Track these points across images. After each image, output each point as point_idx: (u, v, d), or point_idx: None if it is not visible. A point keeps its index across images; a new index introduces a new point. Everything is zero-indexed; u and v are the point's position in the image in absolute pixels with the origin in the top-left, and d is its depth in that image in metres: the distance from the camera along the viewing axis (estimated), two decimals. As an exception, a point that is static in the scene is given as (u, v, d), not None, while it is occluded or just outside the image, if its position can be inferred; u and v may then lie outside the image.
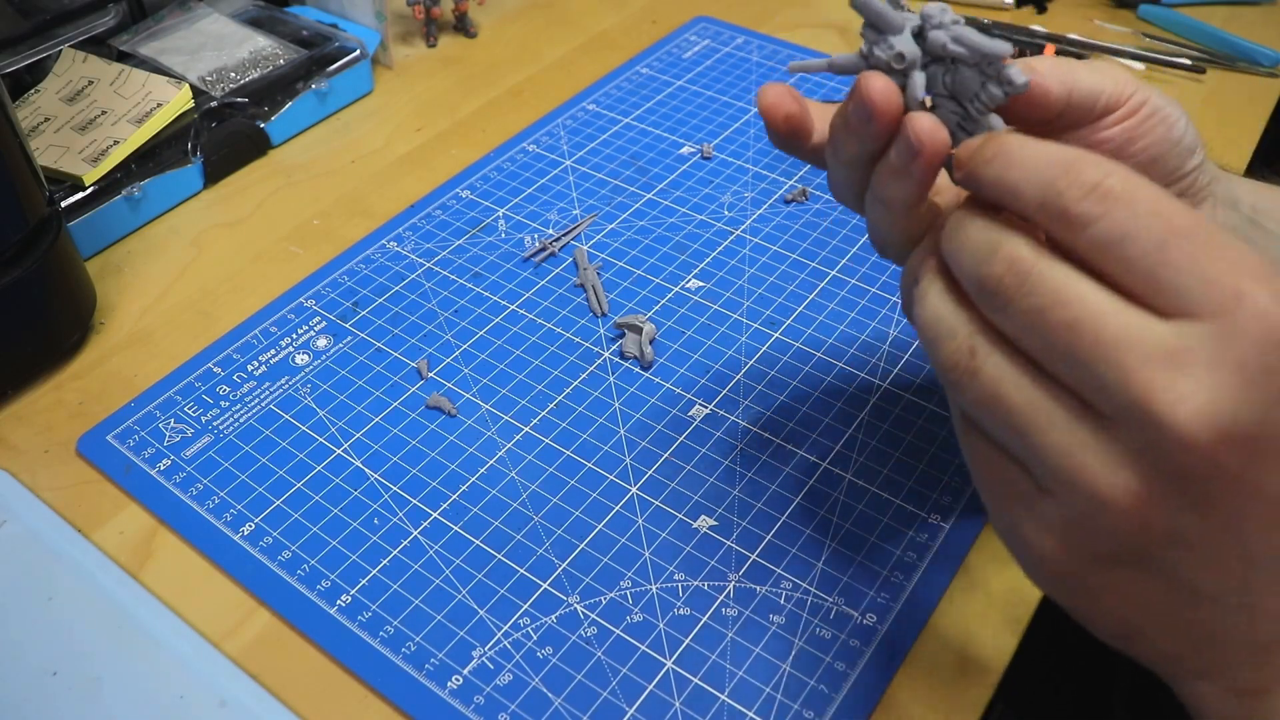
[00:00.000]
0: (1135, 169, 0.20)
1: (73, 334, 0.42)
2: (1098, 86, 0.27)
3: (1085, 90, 0.26)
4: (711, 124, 0.54)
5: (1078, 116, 0.27)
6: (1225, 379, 0.18)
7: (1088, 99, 0.27)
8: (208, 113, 0.50)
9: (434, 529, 0.35)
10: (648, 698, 0.30)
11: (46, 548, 0.34)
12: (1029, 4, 0.64)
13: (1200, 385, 0.18)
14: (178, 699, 0.30)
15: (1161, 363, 0.18)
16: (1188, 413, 0.18)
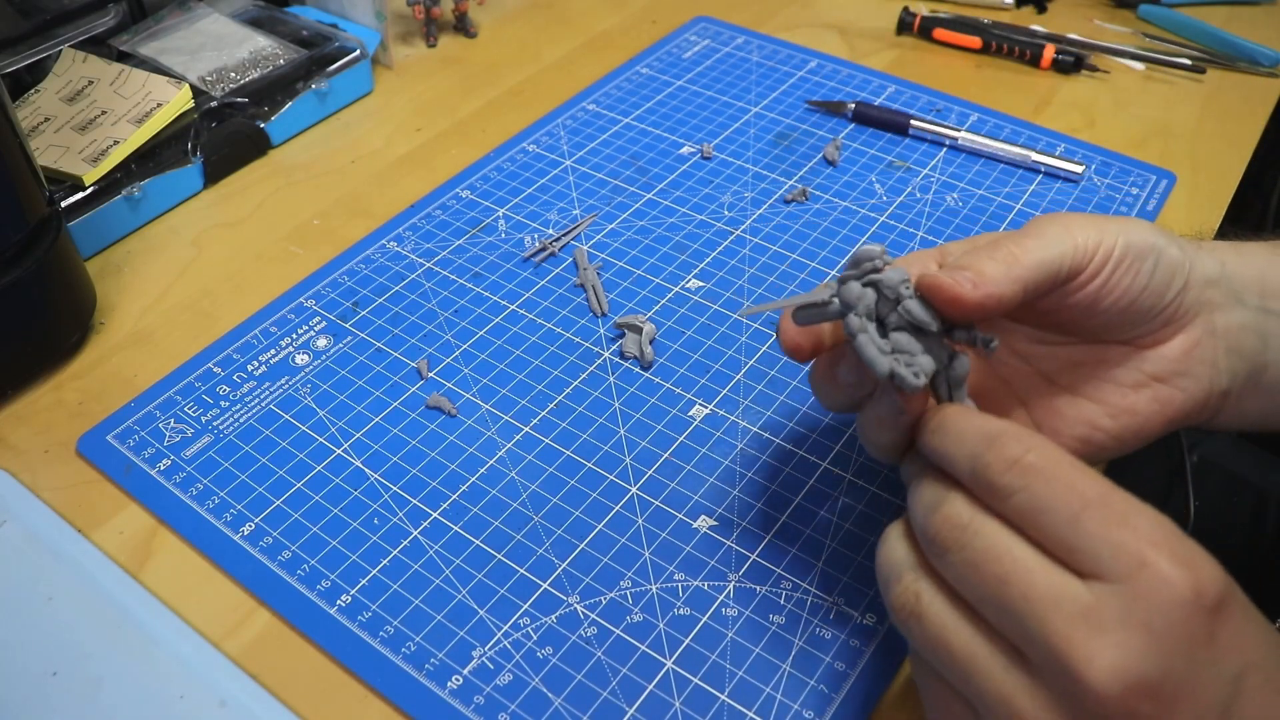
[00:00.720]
0: (1115, 315, 0.27)
1: (73, 334, 0.42)
2: (1054, 260, 0.26)
3: (1042, 271, 0.26)
4: (711, 124, 0.54)
5: (1044, 292, 0.27)
6: (1133, 637, 0.20)
7: (1047, 277, 0.26)
8: (208, 113, 0.50)
9: (434, 529, 0.35)
10: (648, 698, 0.30)
11: (46, 548, 0.34)
12: (1029, 4, 0.64)
13: (1111, 642, 0.20)
14: (178, 699, 0.30)
15: (1079, 621, 0.20)
16: (1100, 668, 0.20)
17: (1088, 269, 0.27)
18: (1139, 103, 0.56)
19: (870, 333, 0.26)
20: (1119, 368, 0.29)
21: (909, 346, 0.26)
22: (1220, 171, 0.51)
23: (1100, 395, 0.29)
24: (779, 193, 0.49)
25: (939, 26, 0.61)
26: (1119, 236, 0.27)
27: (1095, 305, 0.27)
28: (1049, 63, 0.58)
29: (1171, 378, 0.28)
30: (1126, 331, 0.29)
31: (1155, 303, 0.28)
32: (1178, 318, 0.28)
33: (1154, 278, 0.27)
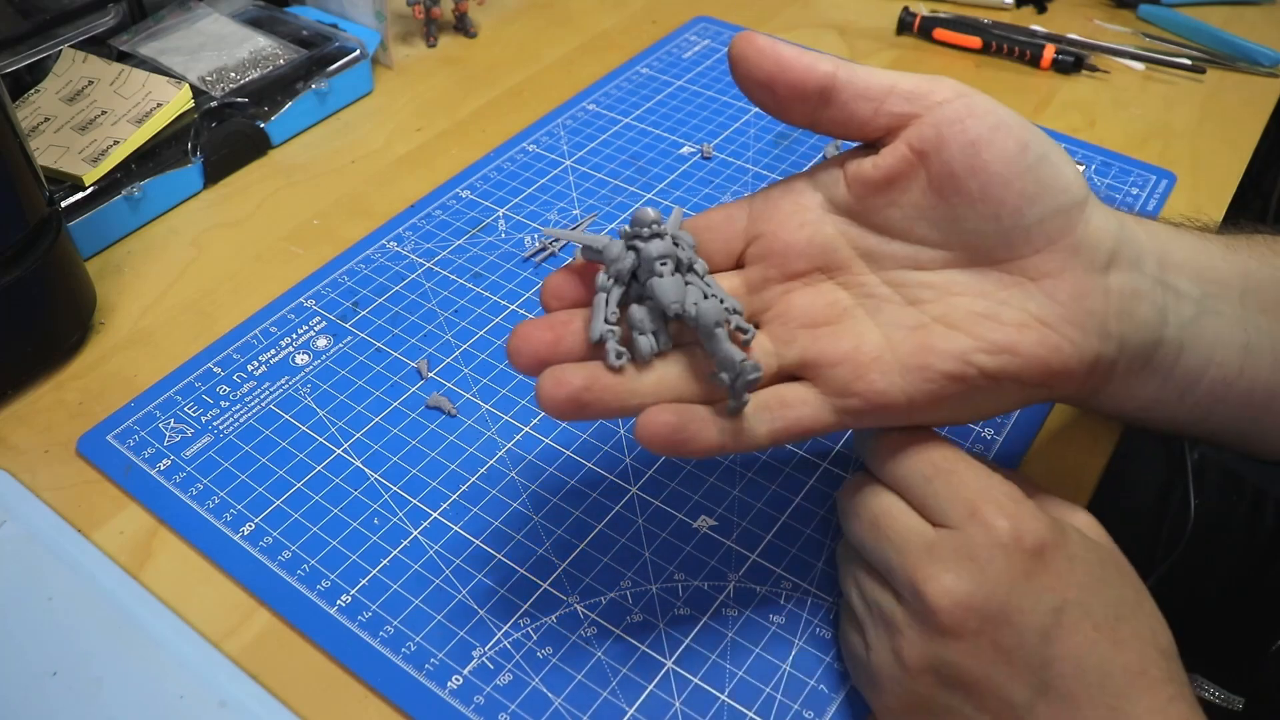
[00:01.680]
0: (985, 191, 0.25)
1: (73, 334, 0.42)
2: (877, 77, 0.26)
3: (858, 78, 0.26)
4: (711, 124, 0.54)
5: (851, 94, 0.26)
6: (963, 566, 0.25)
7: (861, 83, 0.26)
8: (208, 113, 0.50)
9: (434, 529, 0.35)
10: (648, 698, 0.30)
11: (46, 548, 0.34)
12: (1029, 4, 0.64)
13: (946, 569, 0.25)
14: (177, 699, 0.30)
15: (924, 553, 0.26)
16: (937, 588, 0.25)
17: (927, 101, 0.25)
18: (1139, 103, 0.56)
19: (610, 295, 0.27)
20: (1003, 305, 0.26)
21: (641, 323, 0.26)
22: (1220, 171, 0.51)
23: (979, 331, 0.26)
24: (779, 193, 0.49)
25: (939, 26, 0.61)
26: (995, 105, 0.26)
27: (951, 167, 0.25)
28: (1049, 63, 0.58)
29: (1059, 324, 0.26)
30: (1000, 233, 0.26)
31: (1033, 199, 0.25)
32: (1062, 245, 0.26)
33: (1033, 169, 0.25)
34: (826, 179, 0.28)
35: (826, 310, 0.28)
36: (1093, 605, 0.25)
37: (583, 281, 0.28)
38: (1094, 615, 0.25)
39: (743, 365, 0.25)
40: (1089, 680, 0.25)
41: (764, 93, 0.26)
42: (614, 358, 0.26)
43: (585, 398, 0.25)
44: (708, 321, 0.26)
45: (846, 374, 0.27)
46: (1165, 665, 0.25)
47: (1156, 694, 0.25)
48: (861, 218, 0.27)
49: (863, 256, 0.28)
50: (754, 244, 0.28)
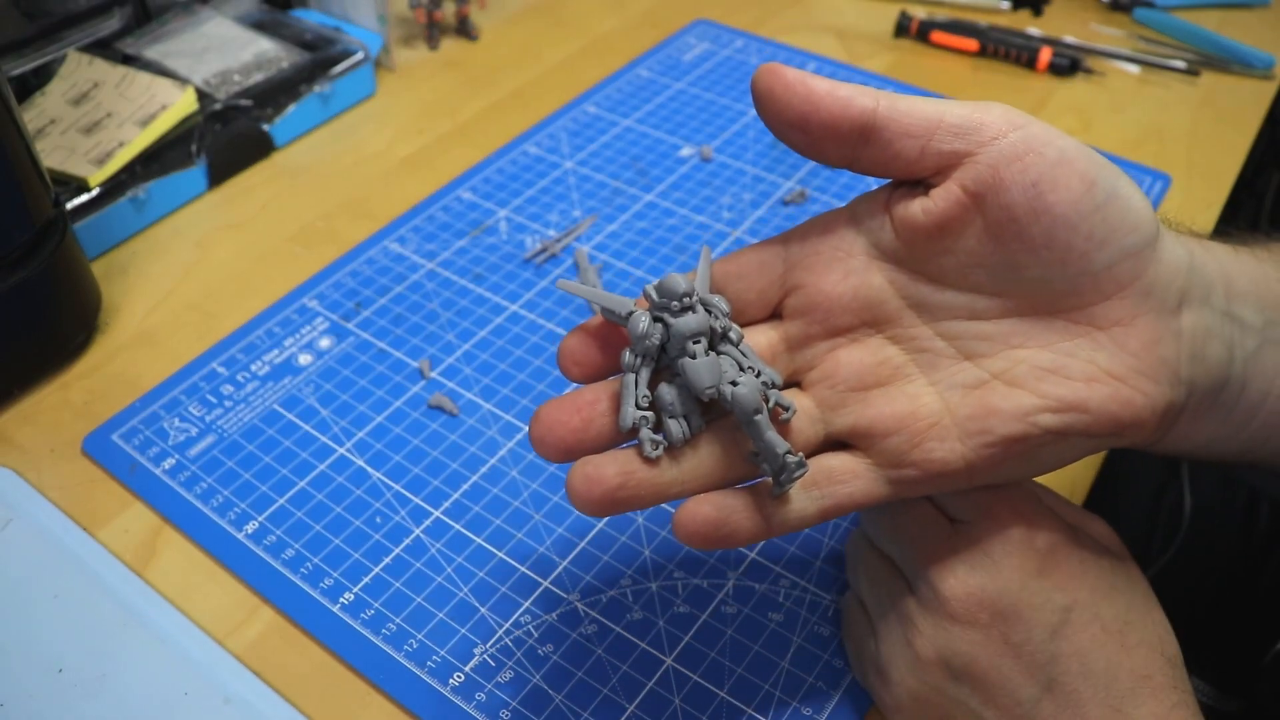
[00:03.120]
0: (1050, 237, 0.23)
1: (78, 334, 0.42)
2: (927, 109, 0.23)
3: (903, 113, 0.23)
4: (711, 126, 0.54)
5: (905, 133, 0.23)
6: (976, 560, 0.26)
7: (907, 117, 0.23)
8: (212, 115, 0.50)
9: (436, 527, 0.35)
10: (647, 695, 0.31)
11: (52, 546, 0.35)
12: (1025, 7, 0.65)
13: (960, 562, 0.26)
14: (182, 695, 0.31)
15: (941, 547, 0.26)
16: (951, 581, 0.26)
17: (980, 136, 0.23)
18: (1134, 105, 0.57)
19: (640, 377, 0.24)
20: (1069, 357, 0.24)
21: (670, 406, 0.24)
22: (1215, 173, 0.52)
23: (1044, 388, 0.24)
24: (778, 194, 0.50)
25: (936, 29, 0.61)
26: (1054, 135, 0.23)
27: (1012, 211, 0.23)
28: (1045, 65, 0.58)
29: (1130, 376, 0.23)
30: (1066, 280, 0.23)
31: (1102, 243, 0.23)
32: (1134, 290, 0.23)
33: (1101, 209, 0.23)
34: (871, 223, 0.25)
35: (876, 370, 0.25)
36: (1102, 608, 0.26)
37: (602, 344, 0.25)
38: (1103, 618, 0.25)
39: (786, 460, 0.23)
40: (1095, 681, 0.25)
41: (796, 133, 0.24)
42: (650, 449, 0.24)
43: (620, 495, 0.23)
44: (745, 409, 0.23)
45: (901, 444, 0.24)
46: (1171, 672, 0.25)
47: (1161, 700, 0.25)
48: (911, 265, 0.25)
49: (913, 307, 0.25)
50: (793, 295, 0.26)
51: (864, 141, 0.24)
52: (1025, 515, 0.26)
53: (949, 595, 0.25)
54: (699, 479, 0.24)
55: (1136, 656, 0.25)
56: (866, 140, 0.24)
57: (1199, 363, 0.24)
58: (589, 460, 0.24)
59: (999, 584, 0.25)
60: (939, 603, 0.26)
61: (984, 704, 0.26)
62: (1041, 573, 0.25)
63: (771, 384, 0.25)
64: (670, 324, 0.24)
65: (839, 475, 0.25)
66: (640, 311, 0.24)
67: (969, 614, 0.25)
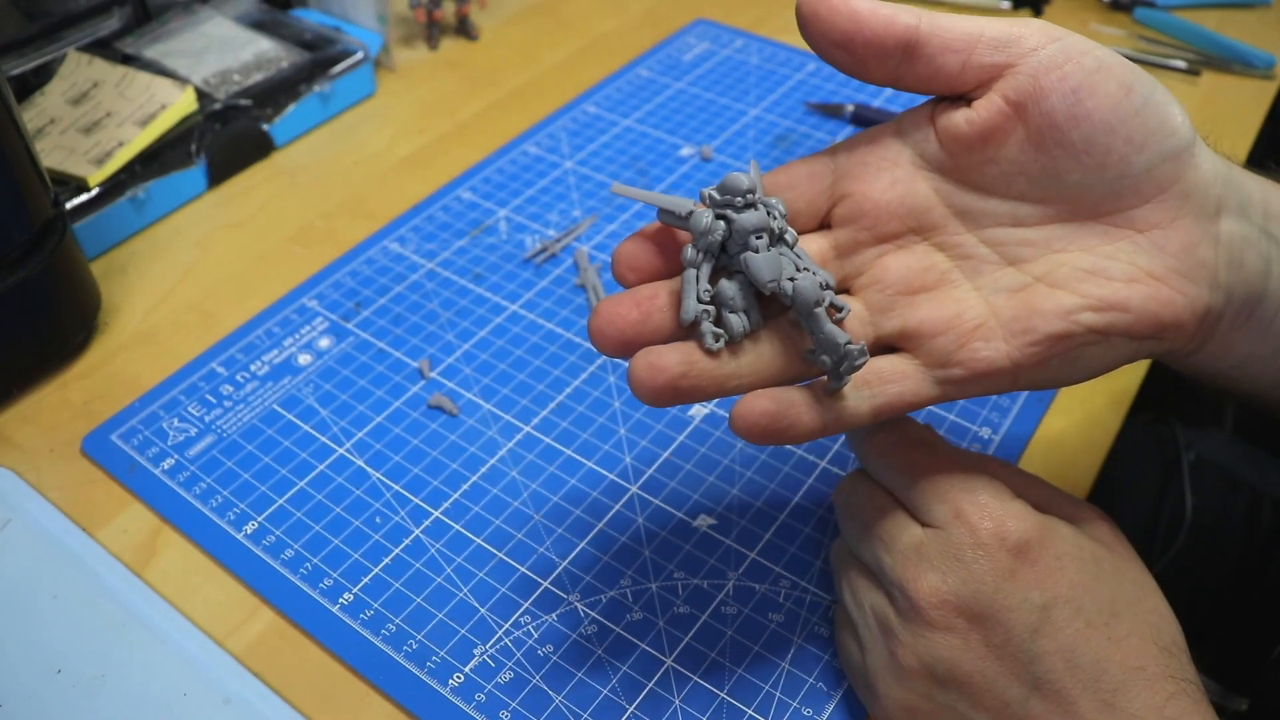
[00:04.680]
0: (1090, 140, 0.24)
1: (77, 334, 0.42)
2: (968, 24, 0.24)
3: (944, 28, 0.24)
4: (711, 125, 0.54)
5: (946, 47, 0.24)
6: (948, 565, 0.26)
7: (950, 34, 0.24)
8: (212, 115, 0.50)
9: (435, 528, 0.35)
10: (648, 695, 0.31)
11: (51, 546, 0.35)
12: (1025, 6, 0.64)
13: (931, 568, 0.26)
14: (181, 696, 0.31)
15: (911, 552, 0.26)
16: (924, 587, 0.26)
17: (1019, 48, 0.24)
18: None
19: (701, 272, 0.25)
20: (1110, 260, 0.24)
21: (733, 300, 0.25)
22: (1216, 174, 0.51)
23: (1085, 289, 0.24)
24: (778, 195, 0.50)
25: (937, 29, 0.61)
26: (1091, 45, 0.24)
27: (1053, 117, 0.24)
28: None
29: (1169, 275, 0.24)
30: (1106, 184, 0.24)
31: (1141, 145, 0.24)
32: (1173, 193, 0.24)
33: (1140, 113, 0.23)
34: (916, 135, 0.26)
35: (923, 275, 0.26)
36: (1085, 602, 0.25)
37: (658, 248, 0.26)
38: (1086, 612, 0.25)
39: (848, 349, 0.24)
40: (1082, 676, 0.25)
41: (840, 52, 0.24)
42: (711, 340, 0.24)
43: (682, 384, 0.24)
44: (806, 301, 0.24)
45: (948, 344, 0.25)
46: (1166, 661, 0.25)
47: (1155, 690, 0.25)
48: (955, 175, 0.26)
49: (958, 215, 0.26)
50: (841, 204, 0.26)
51: (907, 58, 0.24)
52: (993, 514, 0.26)
53: (923, 603, 0.25)
54: (757, 374, 0.25)
55: (1126, 648, 0.25)
56: (910, 57, 0.24)
57: (1236, 269, 0.25)
58: (651, 350, 0.24)
59: (971, 588, 0.25)
60: (915, 611, 0.26)
61: (973, 708, 0.26)
62: (1014, 573, 0.25)
63: (826, 285, 0.25)
64: (733, 220, 0.25)
65: (888, 375, 0.26)
66: (703, 209, 0.25)
67: (945, 620, 0.25)
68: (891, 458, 0.28)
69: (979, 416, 0.39)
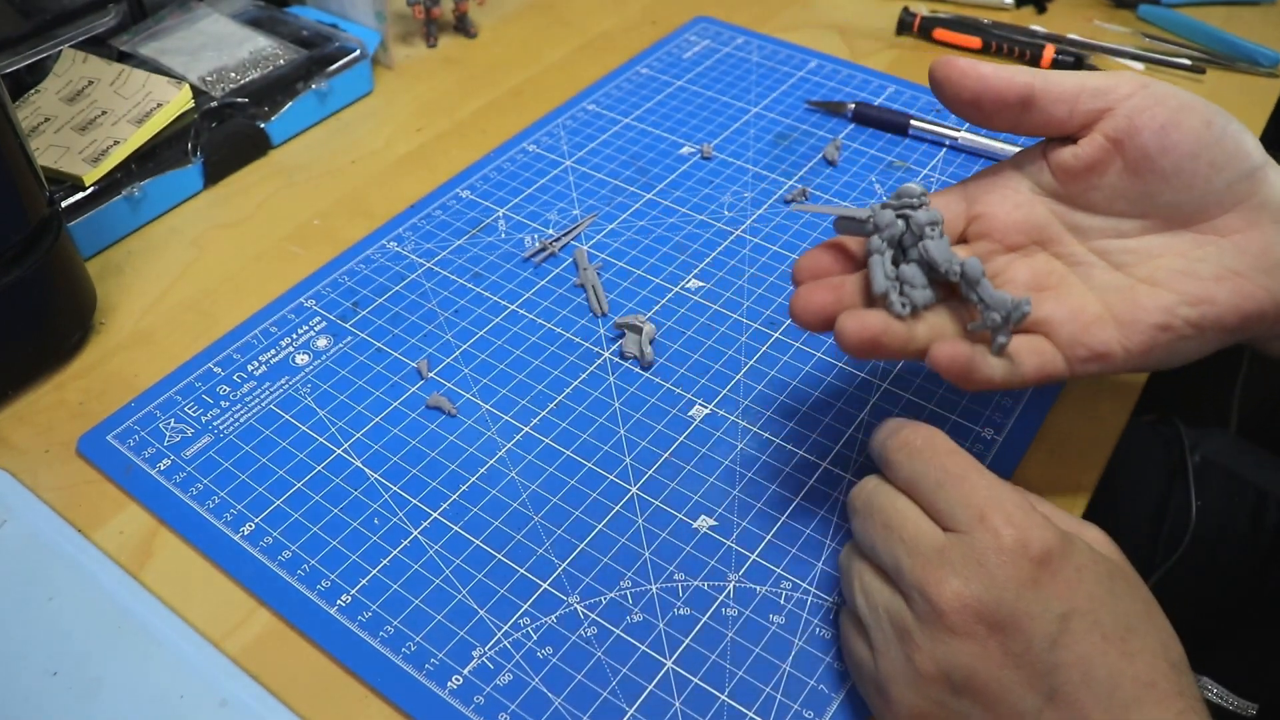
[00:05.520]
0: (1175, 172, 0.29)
1: (73, 334, 0.42)
2: (1067, 80, 0.30)
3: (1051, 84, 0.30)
4: (711, 124, 0.54)
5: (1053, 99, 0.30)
6: (971, 571, 0.26)
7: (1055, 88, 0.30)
8: (208, 113, 0.50)
9: (434, 529, 0.35)
10: (648, 698, 0.30)
11: (47, 547, 0.34)
12: (1029, 4, 0.64)
13: (955, 573, 0.26)
14: (178, 699, 0.30)
15: (934, 556, 0.27)
16: (946, 592, 0.26)
17: (1115, 95, 0.29)
18: (1139, 103, 0.56)
19: (885, 257, 0.30)
20: (1199, 262, 0.29)
21: (913, 279, 0.30)
22: (1220, 172, 0.51)
23: (1179, 286, 0.29)
24: (779, 193, 0.49)
25: (939, 27, 0.61)
26: (1176, 89, 0.29)
27: (1146, 150, 0.29)
28: (1049, 63, 0.58)
29: (1250, 272, 0.29)
30: (1193, 200, 0.29)
31: (1221, 167, 0.29)
32: (1250, 205, 0.29)
33: (1219, 142, 0.29)
34: (1032, 168, 0.32)
35: (1046, 277, 0.31)
36: (1101, 616, 0.26)
37: (836, 257, 0.32)
38: (1103, 625, 0.25)
39: (1017, 301, 0.28)
40: (1097, 690, 0.25)
41: (971, 109, 0.31)
42: (900, 308, 0.29)
43: (882, 339, 0.29)
44: (975, 272, 0.29)
45: (1074, 329, 0.30)
46: (1176, 678, 0.25)
47: (1165, 707, 0.25)
48: (1066, 199, 0.31)
49: (1070, 230, 0.31)
50: (974, 223, 0.32)
51: (1025, 110, 0.30)
52: (1017, 523, 0.26)
53: (945, 608, 0.25)
54: (935, 339, 0.30)
55: (1139, 663, 0.25)
56: (1028, 108, 0.30)
57: None
58: (856, 312, 0.29)
59: (994, 594, 0.25)
60: (935, 615, 0.26)
61: (986, 716, 0.25)
62: (1036, 581, 0.25)
63: None
64: (911, 216, 0.30)
65: (1035, 348, 0.30)
66: (884, 210, 0.31)
67: (966, 626, 0.25)
68: (920, 460, 0.28)
69: (981, 417, 0.39)
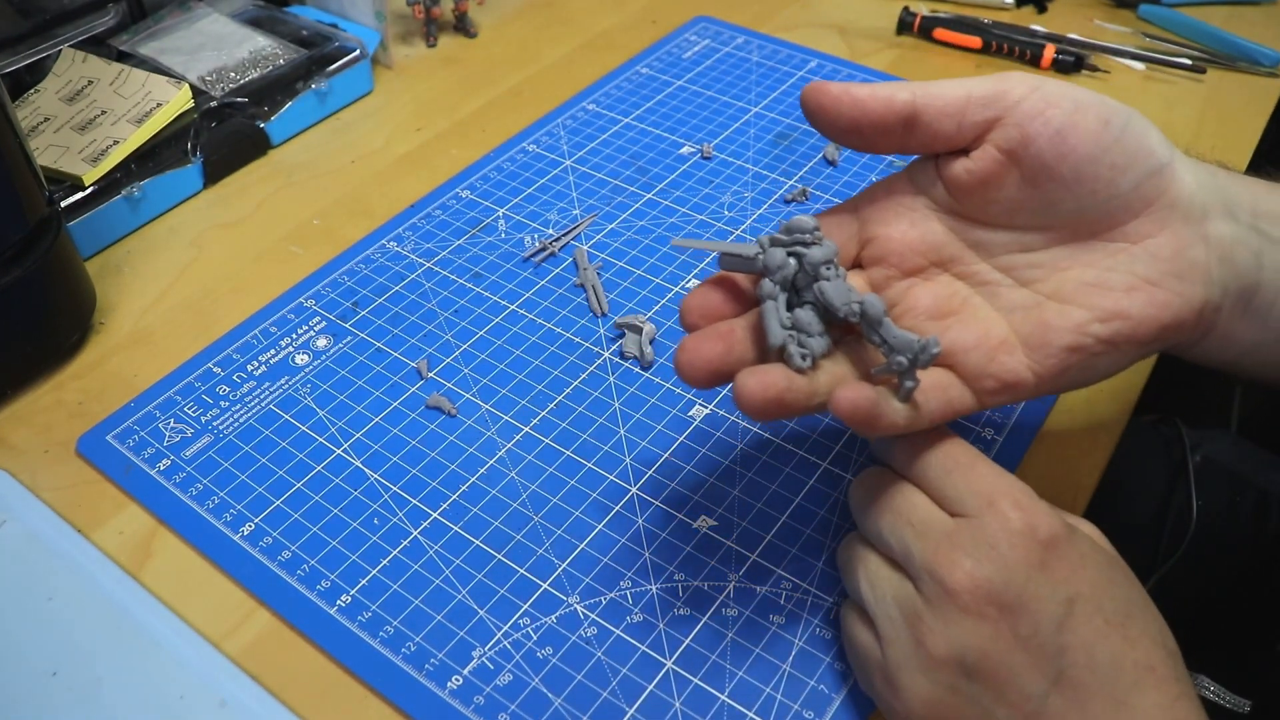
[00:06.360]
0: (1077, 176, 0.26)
1: (73, 334, 0.42)
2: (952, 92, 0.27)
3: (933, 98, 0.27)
4: (711, 124, 0.54)
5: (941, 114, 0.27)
6: (982, 552, 0.26)
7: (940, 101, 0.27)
8: (207, 112, 0.50)
9: (434, 529, 0.35)
10: (648, 698, 0.30)
11: (46, 548, 0.34)
12: (1029, 4, 0.64)
13: (966, 555, 0.26)
14: (178, 699, 0.30)
15: (944, 540, 0.26)
16: (958, 574, 0.26)
17: (1004, 103, 0.27)
18: (1139, 103, 0.56)
19: (779, 302, 0.27)
20: (1109, 272, 0.27)
21: (809, 325, 0.27)
22: (1221, 171, 0.51)
23: (1090, 301, 0.27)
24: (779, 193, 0.49)
25: (939, 26, 0.61)
26: (1068, 88, 0.27)
27: (1042, 158, 0.26)
28: (1049, 63, 0.58)
29: (1165, 279, 0.27)
30: (1098, 207, 0.27)
31: (1124, 169, 0.26)
32: (1159, 206, 0.27)
33: (1119, 141, 0.26)
34: (925, 183, 0.29)
35: (949, 300, 0.29)
36: (1104, 601, 0.26)
37: (725, 295, 0.29)
38: (1105, 611, 0.26)
39: (923, 342, 0.26)
40: (1100, 672, 0.25)
41: (851, 136, 0.28)
42: (800, 360, 0.27)
43: (786, 398, 0.26)
44: (876, 313, 0.27)
45: (980, 359, 0.28)
46: (1173, 664, 0.26)
47: (1164, 691, 0.25)
48: (964, 214, 0.29)
49: (972, 247, 0.29)
50: (869, 247, 0.30)
51: (909, 130, 0.28)
52: (1025, 508, 0.26)
53: (957, 588, 0.25)
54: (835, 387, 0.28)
55: (1140, 648, 0.25)
56: (912, 128, 0.28)
57: (1228, 265, 0.27)
58: (756, 370, 0.27)
59: (1004, 575, 0.25)
60: (947, 596, 0.26)
61: (995, 702, 0.25)
62: (1044, 564, 0.26)
63: None
64: (804, 254, 0.28)
65: (940, 384, 0.28)
66: (774, 248, 0.28)
67: (978, 606, 0.25)
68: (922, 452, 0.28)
69: (982, 417, 0.39)
